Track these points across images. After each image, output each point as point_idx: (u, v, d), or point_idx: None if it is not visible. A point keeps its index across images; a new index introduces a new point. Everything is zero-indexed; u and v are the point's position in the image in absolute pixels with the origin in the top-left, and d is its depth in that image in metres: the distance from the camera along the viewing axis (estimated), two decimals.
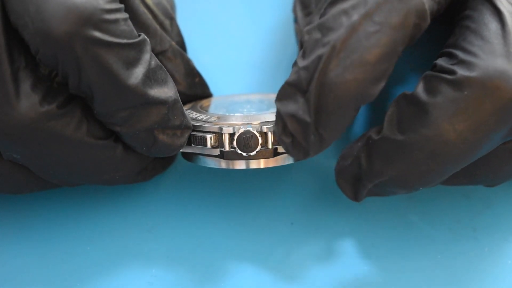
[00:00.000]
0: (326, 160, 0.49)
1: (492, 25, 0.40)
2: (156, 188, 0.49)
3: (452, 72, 0.39)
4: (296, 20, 0.50)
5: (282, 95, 0.41)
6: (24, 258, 0.47)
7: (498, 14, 0.40)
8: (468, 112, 0.39)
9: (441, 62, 0.40)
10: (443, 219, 0.48)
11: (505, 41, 0.39)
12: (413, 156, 0.40)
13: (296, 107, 0.40)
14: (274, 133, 0.42)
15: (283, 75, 0.53)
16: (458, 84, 0.39)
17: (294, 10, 0.50)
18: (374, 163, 0.42)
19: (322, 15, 0.41)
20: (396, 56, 0.40)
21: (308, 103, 0.40)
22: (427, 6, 0.40)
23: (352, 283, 0.46)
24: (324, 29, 0.40)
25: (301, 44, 0.47)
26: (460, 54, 0.40)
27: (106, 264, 0.46)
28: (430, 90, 0.40)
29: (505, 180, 0.44)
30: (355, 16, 0.39)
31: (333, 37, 0.39)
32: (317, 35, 0.40)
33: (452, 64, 0.40)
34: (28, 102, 0.39)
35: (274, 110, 0.46)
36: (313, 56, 0.40)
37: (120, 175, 0.44)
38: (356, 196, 0.44)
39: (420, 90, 0.40)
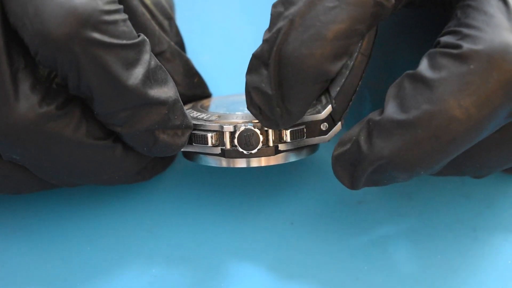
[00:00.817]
0: (326, 160, 0.49)
1: (494, 1, 0.40)
2: (156, 188, 0.49)
3: (457, 46, 0.39)
4: None
5: (250, 68, 0.41)
6: (24, 258, 0.47)
7: None
8: (474, 86, 0.38)
9: (445, 38, 0.40)
10: (443, 219, 0.48)
11: (509, 15, 0.39)
12: (416, 135, 0.39)
13: (259, 79, 0.41)
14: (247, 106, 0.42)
15: None
16: (464, 57, 0.38)
17: None
18: (374, 144, 0.40)
19: None
20: (357, 35, 0.40)
21: (270, 76, 0.40)
22: None
23: (352, 283, 0.46)
24: (287, 2, 0.40)
25: None
26: (465, 30, 0.39)
27: (106, 264, 0.46)
28: (435, 65, 0.39)
29: (492, 171, 0.44)
30: None
31: (292, 10, 0.40)
32: (280, 8, 0.40)
33: (456, 40, 0.39)
34: (27, 103, 0.39)
35: None
36: (274, 29, 0.40)
37: (120, 175, 0.44)
38: (353, 183, 0.42)
39: (423, 67, 0.40)
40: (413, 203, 0.48)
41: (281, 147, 0.44)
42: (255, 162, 0.44)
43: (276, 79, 0.40)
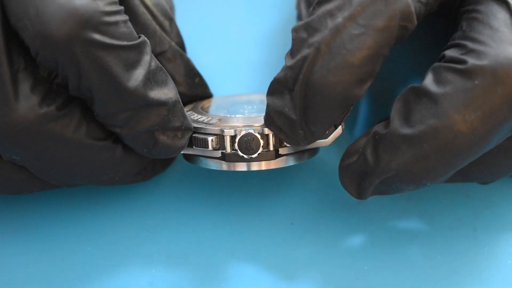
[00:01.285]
0: (327, 160, 0.49)
1: (500, 14, 0.40)
2: (156, 188, 0.49)
3: (462, 62, 0.39)
4: (299, 17, 0.50)
5: (272, 90, 0.41)
6: (24, 258, 0.47)
7: (505, 3, 0.40)
8: (479, 101, 0.38)
9: (450, 53, 0.40)
10: (443, 219, 0.48)
11: None
12: (422, 149, 0.39)
13: (283, 103, 0.41)
14: (265, 124, 0.42)
15: None
16: (469, 73, 0.38)
17: (298, 7, 0.50)
18: (381, 158, 0.41)
19: (310, 14, 0.41)
20: (382, 57, 0.40)
21: (294, 102, 0.40)
22: (413, 9, 0.40)
23: (352, 283, 0.46)
24: (310, 29, 0.40)
25: None
26: (470, 44, 0.39)
27: (106, 264, 0.46)
28: (440, 80, 0.39)
29: (499, 177, 0.44)
30: (339, 18, 0.39)
31: (317, 38, 0.39)
32: (303, 34, 0.40)
33: (461, 54, 0.39)
34: (27, 103, 0.39)
35: None
36: (298, 56, 0.40)
37: (119, 175, 0.44)
38: (361, 194, 0.43)
39: (428, 81, 0.40)
40: (413, 203, 0.48)
41: (282, 151, 0.44)
42: (255, 166, 0.44)
43: (301, 105, 0.40)
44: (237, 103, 0.48)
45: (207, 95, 0.49)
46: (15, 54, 0.39)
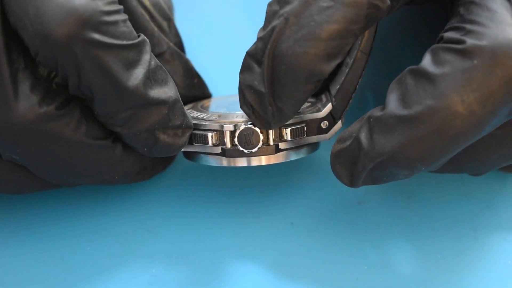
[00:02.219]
0: (327, 160, 0.49)
1: None
2: (156, 188, 0.49)
3: (461, 42, 0.39)
4: None
5: (243, 66, 0.42)
6: (24, 258, 0.47)
7: None
8: (477, 82, 0.38)
9: (449, 34, 0.40)
10: (443, 219, 0.48)
11: None
12: (418, 130, 0.39)
13: (252, 77, 0.41)
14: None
15: None
16: (468, 53, 0.38)
17: None
18: (376, 140, 0.40)
19: None
20: (351, 35, 0.40)
21: (263, 74, 0.40)
22: None
23: (352, 283, 0.46)
24: (282, 2, 0.40)
25: None
26: (468, 26, 0.39)
27: (106, 264, 0.46)
28: (438, 61, 0.39)
29: (490, 168, 0.44)
30: None
31: (287, 9, 0.40)
32: (275, 7, 0.41)
33: (460, 35, 0.39)
34: (27, 103, 0.39)
35: None
36: (268, 27, 0.40)
37: (119, 175, 0.44)
38: (352, 181, 0.42)
39: (426, 62, 0.39)
40: (413, 203, 0.48)
41: (282, 145, 0.44)
42: (255, 161, 0.44)
43: (269, 77, 0.40)
44: (237, 102, 0.48)
45: (206, 95, 0.49)
46: (15, 54, 0.39)
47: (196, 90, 0.48)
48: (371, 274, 0.46)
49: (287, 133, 0.43)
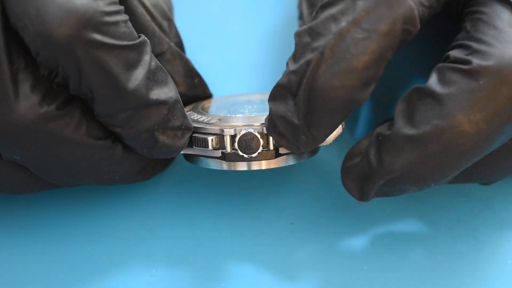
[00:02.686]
0: (327, 160, 0.49)
1: (505, 15, 0.40)
2: (156, 188, 0.49)
3: (467, 62, 0.39)
4: (301, 17, 0.50)
5: (274, 95, 0.41)
6: (24, 258, 0.47)
7: (509, 4, 0.40)
8: (484, 102, 0.38)
9: (454, 53, 0.40)
10: (443, 219, 0.48)
11: None
12: (426, 150, 0.39)
13: (286, 108, 0.41)
14: (266, 129, 0.42)
15: None
16: (474, 73, 0.38)
17: (300, 7, 0.50)
18: (384, 159, 0.41)
19: (313, 19, 0.41)
20: (385, 61, 0.40)
21: (298, 106, 0.40)
22: (416, 12, 0.40)
23: (353, 283, 0.46)
24: (313, 33, 0.40)
25: None
26: (474, 45, 0.39)
27: (106, 264, 0.46)
28: (444, 81, 0.39)
29: (501, 177, 0.44)
30: (343, 23, 0.39)
31: (321, 43, 0.40)
32: (306, 39, 0.40)
33: (466, 55, 0.39)
34: (27, 103, 0.39)
35: None
36: (302, 61, 0.40)
37: (119, 175, 0.44)
38: (363, 196, 0.43)
39: (433, 81, 0.40)
40: (413, 203, 0.48)
41: (282, 150, 0.44)
42: (255, 166, 0.44)
43: (304, 110, 0.40)
44: (237, 103, 0.48)
45: (207, 95, 0.49)
46: (15, 54, 0.39)
47: (197, 90, 0.48)
48: (371, 274, 0.46)
49: None
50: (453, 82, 0.39)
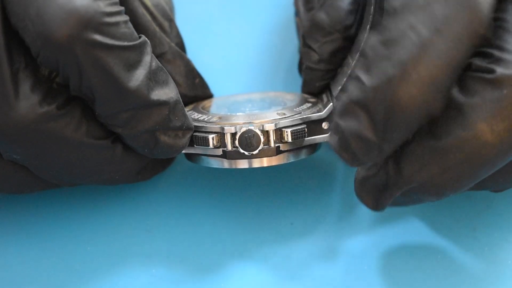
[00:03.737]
0: (327, 160, 0.49)
1: None
2: (156, 188, 0.49)
3: (491, 71, 0.38)
4: (297, 14, 0.50)
5: (345, 112, 0.38)
6: (24, 258, 0.47)
7: None
8: (507, 111, 0.38)
9: (477, 61, 0.39)
10: (443, 219, 0.48)
11: None
12: (448, 160, 0.38)
13: (359, 125, 0.38)
14: (333, 148, 0.40)
15: (284, 74, 0.53)
16: (498, 82, 0.37)
17: (296, 3, 0.50)
18: (403, 170, 0.40)
19: (383, 23, 0.38)
20: (464, 64, 0.38)
21: (374, 122, 0.38)
22: (488, 20, 0.38)
23: (353, 283, 0.46)
24: (389, 43, 0.37)
25: (303, 38, 0.47)
26: (497, 53, 0.38)
27: (106, 263, 0.46)
28: (467, 90, 0.38)
29: None
30: (424, 32, 0.37)
31: (402, 55, 0.37)
32: (382, 50, 0.37)
33: (488, 63, 0.38)
34: (28, 103, 0.39)
35: (276, 108, 0.46)
36: (380, 75, 0.37)
37: (120, 174, 0.44)
38: (378, 207, 0.42)
39: (455, 91, 0.39)
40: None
41: (283, 147, 0.44)
42: (256, 163, 0.44)
43: (382, 126, 0.38)
44: (238, 102, 0.48)
45: (208, 95, 0.49)
46: (16, 53, 0.39)
47: (197, 90, 0.48)
48: (371, 274, 0.46)
49: (288, 134, 0.43)
50: (475, 92, 0.38)
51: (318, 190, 0.49)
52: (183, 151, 0.44)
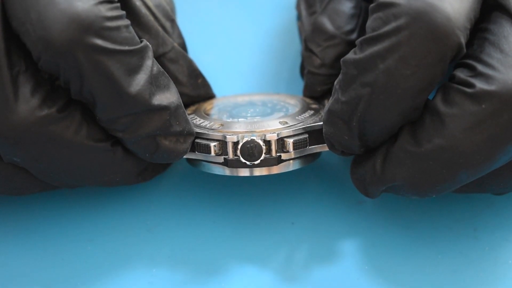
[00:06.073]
0: (327, 160, 0.49)
1: None
2: (157, 188, 0.49)
3: (471, 85, 0.39)
4: (299, 18, 0.50)
5: (327, 121, 0.42)
6: (24, 259, 0.47)
7: None
8: (485, 125, 0.39)
9: (460, 73, 0.40)
10: (443, 219, 0.48)
11: None
12: (427, 166, 0.40)
13: (340, 132, 0.42)
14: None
15: (285, 75, 0.53)
16: (477, 97, 0.39)
17: (298, 7, 0.50)
18: (387, 169, 0.42)
19: (359, 50, 0.40)
20: (436, 83, 0.40)
21: (352, 131, 0.41)
22: (463, 40, 0.39)
23: (353, 283, 0.46)
24: (360, 68, 0.40)
25: (305, 42, 0.47)
26: (479, 67, 0.39)
27: (106, 264, 0.46)
28: (448, 100, 0.40)
29: None
30: (390, 61, 0.39)
31: (370, 79, 0.39)
32: (353, 71, 0.40)
33: (470, 76, 0.39)
34: (28, 106, 0.39)
35: (278, 115, 0.46)
36: (353, 94, 0.40)
37: (120, 176, 0.44)
38: (368, 195, 0.44)
39: (438, 99, 0.40)
40: (413, 203, 0.48)
41: (284, 156, 0.44)
42: (258, 172, 0.44)
43: (359, 134, 0.41)
44: (240, 106, 0.48)
45: (210, 95, 0.49)
46: (16, 57, 0.39)
47: (200, 90, 0.48)
48: (371, 274, 0.46)
49: (289, 144, 0.43)
50: (456, 103, 0.39)
51: (319, 190, 0.49)
52: (184, 157, 0.44)
